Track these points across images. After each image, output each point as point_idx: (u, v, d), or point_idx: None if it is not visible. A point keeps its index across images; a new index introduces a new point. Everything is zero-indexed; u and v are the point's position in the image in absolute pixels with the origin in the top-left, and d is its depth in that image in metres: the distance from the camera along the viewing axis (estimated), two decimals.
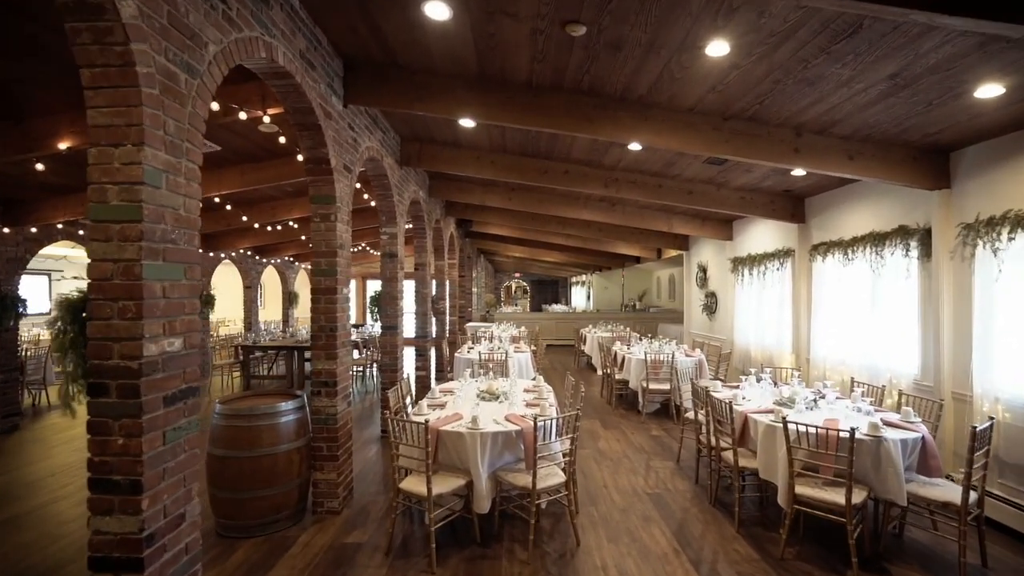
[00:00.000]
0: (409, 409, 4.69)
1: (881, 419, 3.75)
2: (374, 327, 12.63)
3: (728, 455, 4.19)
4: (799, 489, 3.44)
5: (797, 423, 3.38)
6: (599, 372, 11.15)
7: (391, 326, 6.33)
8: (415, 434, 3.47)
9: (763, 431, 3.86)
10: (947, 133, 4.11)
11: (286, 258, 14.93)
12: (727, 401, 4.28)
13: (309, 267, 17.04)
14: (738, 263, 8.42)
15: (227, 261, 12.19)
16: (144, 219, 1.98)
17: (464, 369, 7.26)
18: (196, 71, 2.31)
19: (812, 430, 3.38)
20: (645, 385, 7.21)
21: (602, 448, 5.96)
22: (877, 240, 5.16)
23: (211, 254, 11.14)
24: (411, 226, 8.32)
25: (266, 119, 4.39)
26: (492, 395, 4.60)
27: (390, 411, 4.17)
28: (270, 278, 17.00)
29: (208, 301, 11.14)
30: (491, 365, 6.54)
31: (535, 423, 3.46)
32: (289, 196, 8.75)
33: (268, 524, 3.83)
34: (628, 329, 12.15)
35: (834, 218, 6.06)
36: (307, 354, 9.93)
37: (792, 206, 6.70)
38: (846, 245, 5.64)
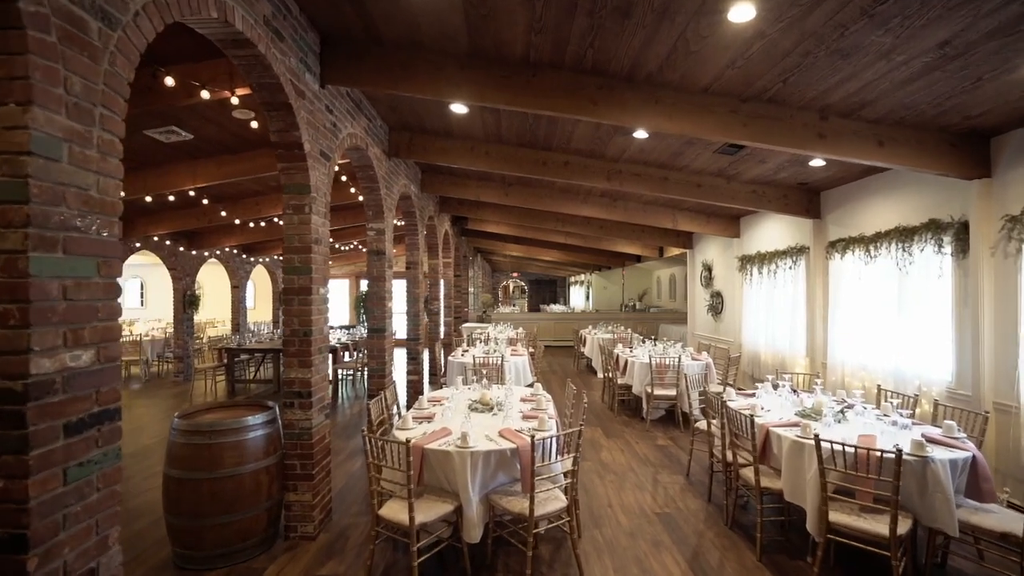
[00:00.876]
0: (396, 420, 4.27)
1: (922, 434, 3.34)
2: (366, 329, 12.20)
3: (747, 473, 3.77)
4: (833, 516, 3.02)
5: (832, 442, 2.96)
6: (599, 375, 10.74)
7: (379, 328, 5.90)
8: (396, 455, 3.04)
9: (788, 448, 3.43)
10: (991, 116, 3.70)
11: (275, 257, 14.48)
12: (747, 413, 3.86)
13: None
14: (746, 261, 8.01)
15: (213, 260, 11.74)
16: (32, 199, 1.55)
17: (457, 375, 6.84)
18: (115, 21, 1.88)
19: (848, 449, 2.97)
20: (650, 391, 6.79)
21: (605, 460, 5.54)
22: (904, 235, 4.75)
23: (194, 252, 10.68)
24: (402, 223, 7.90)
25: (234, 100, 3.96)
26: (485, 406, 4.18)
27: (369, 429, 3.74)
28: (260, 277, 16.55)
29: (192, 302, 10.69)
30: (486, 371, 6.11)
31: (532, 441, 3.04)
32: (274, 191, 8.31)
33: (232, 554, 3.39)
34: (629, 330, 11.73)
35: (854, 212, 5.65)
36: None
37: (807, 200, 6.29)
38: (868, 241, 5.23)
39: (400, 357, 11.56)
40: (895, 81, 3.34)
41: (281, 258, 15.02)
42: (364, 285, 19.79)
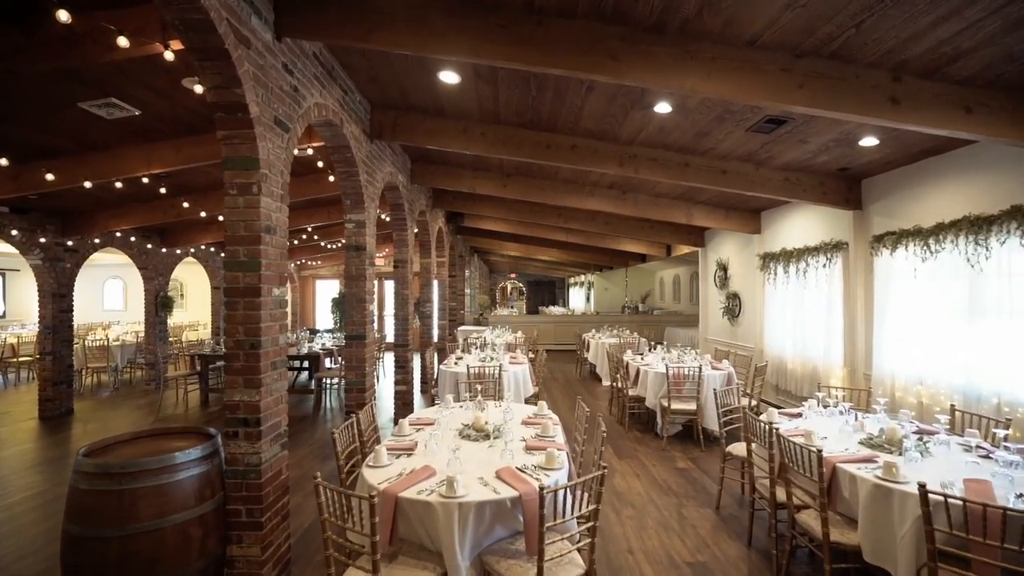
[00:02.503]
0: (385, 440, 3.51)
1: None
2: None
3: (807, 519, 3.02)
4: None
5: (947, 495, 2.20)
6: (605, 383, 9.98)
7: (357, 335, 5.14)
8: (360, 513, 2.28)
9: (869, 495, 2.68)
10: None
11: None
12: (799, 440, 3.11)
13: (288, 266, 15.79)
14: (769, 260, 7.26)
15: (191, 259, 10.95)
16: None
17: (449, 387, 6.08)
18: None
19: (957, 502, 2.21)
20: (666, 404, 6.04)
21: (619, 488, 4.78)
22: (978, 226, 4.01)
23: (164, 250, 9.89)
24: (390, 218, 7.14)
25: (168, 55, 3.18)
26: (479, 432, 3.42)
27: (321, 482, 2.96)
28: None
29: (165, 304, 9.91)
30: (481, 385, 5.34)
31: (541, 492, 2.28)
32: None
33: None
34: (636, 335, 10.97)
35: (906, 201, 4.90)
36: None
37: (846, 189, 5.54)
38: (928, 234, 4.48)
39: (390, 359, 10.80)
40: (1009, 20, 2.60)
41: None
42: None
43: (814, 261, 6.21)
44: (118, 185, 5.44)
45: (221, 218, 8.96)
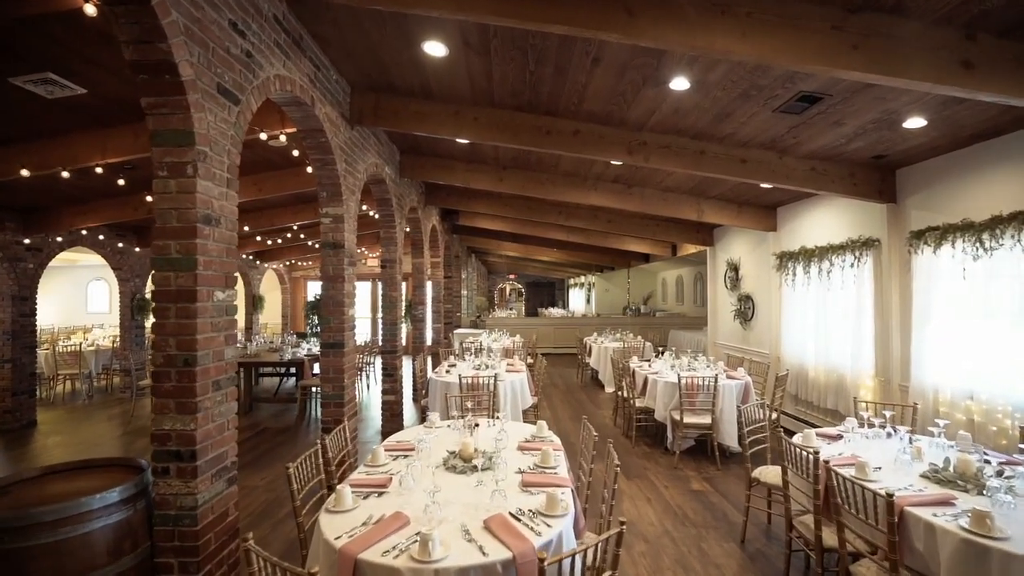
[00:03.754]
0: (354, 473, 2.97)
1: None
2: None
3: (865, 573, 2.47)
4: None
5: None
6: (608, 390, 9.44)
7: (334, 343, 4.58)
8: None
9: (955, 552, 2.12)
10: None
11: (245, 256, 13.12)
12: (847, 472, 2.56)
13: (277, 267, 15.24)
14: (787, 259, 6.72)
15: None
16: None
17: (438, 400, 5.52)
18: None
19: None
20: (678, 418, 5.48)
21: (630, 516, 4.22)
22: None
23: (138, 249, 9.32)
24: (377, 215, 6.59)
25: (89, 9, 2.63)
26: (466, 463, 2.86)
27: (251, 547, 2.42)
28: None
29: (142, 307, 9.35)
30: (475, 399, 4.79)
31: (541, 566, 1.72)
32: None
33: None
34: (640, 338, 10.43)
35: (952, 192, 4.36)
36: (296, 370, 8.18)
37: (879, 180, 5.00)
38: (980, 229, 3.94)
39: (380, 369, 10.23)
40: None
41: (251, 256, 13.62)
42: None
43: (839, 260, 5.67)
44: (65, 175, 4.86)
45: None
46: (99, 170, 4.79)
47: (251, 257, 13.53)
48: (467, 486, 2.60)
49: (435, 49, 3.65)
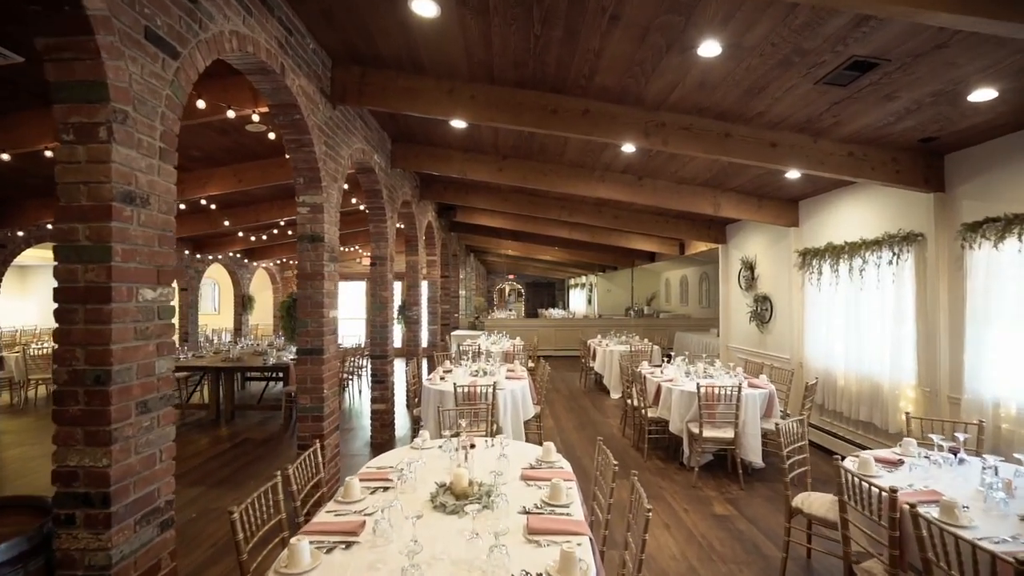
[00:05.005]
0: (321, 512, 2.44)
1: None
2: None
3: None
4: None
5: None
6: (614, 396, 8.90)
7: (313, 349, 4.04)
8: None
9: None
10: None
11: (232, 254, 12.56)
12: (930, 512, 2.03)
13: (268, 265, 14.69)
14: (811, 256, 6.19)
15: None
16: None
17: (432, 411, 4.98)
18: None
19: None
20: (696, 431, 4.95)
21: (648, 547, 3.65)
22: None
23: None
24: (367, 208, 6.06)
25: None
26: (459, 501, 2.32)
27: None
28: (223, 278, 14.62)
29: None
30: (471, 411, 4.24)
31: None
32: (221, 164, 6.46)
33: None
34: (647, 341, 9.89)
35: (1014, 179, 3.83)
36: (281, 375, 7.61)
37: (925, 166, 4.47)
38: None
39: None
40: None
41: (239, 255, 13.02)
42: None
43: (874, 257, 5.14)
44: (5, 157, 4.32)
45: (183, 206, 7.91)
46: (49, 154, 4.24)
47: (239, 255, 12.98)
48: (459, 535, 2.06)
49: (425, 8, 3.12)
